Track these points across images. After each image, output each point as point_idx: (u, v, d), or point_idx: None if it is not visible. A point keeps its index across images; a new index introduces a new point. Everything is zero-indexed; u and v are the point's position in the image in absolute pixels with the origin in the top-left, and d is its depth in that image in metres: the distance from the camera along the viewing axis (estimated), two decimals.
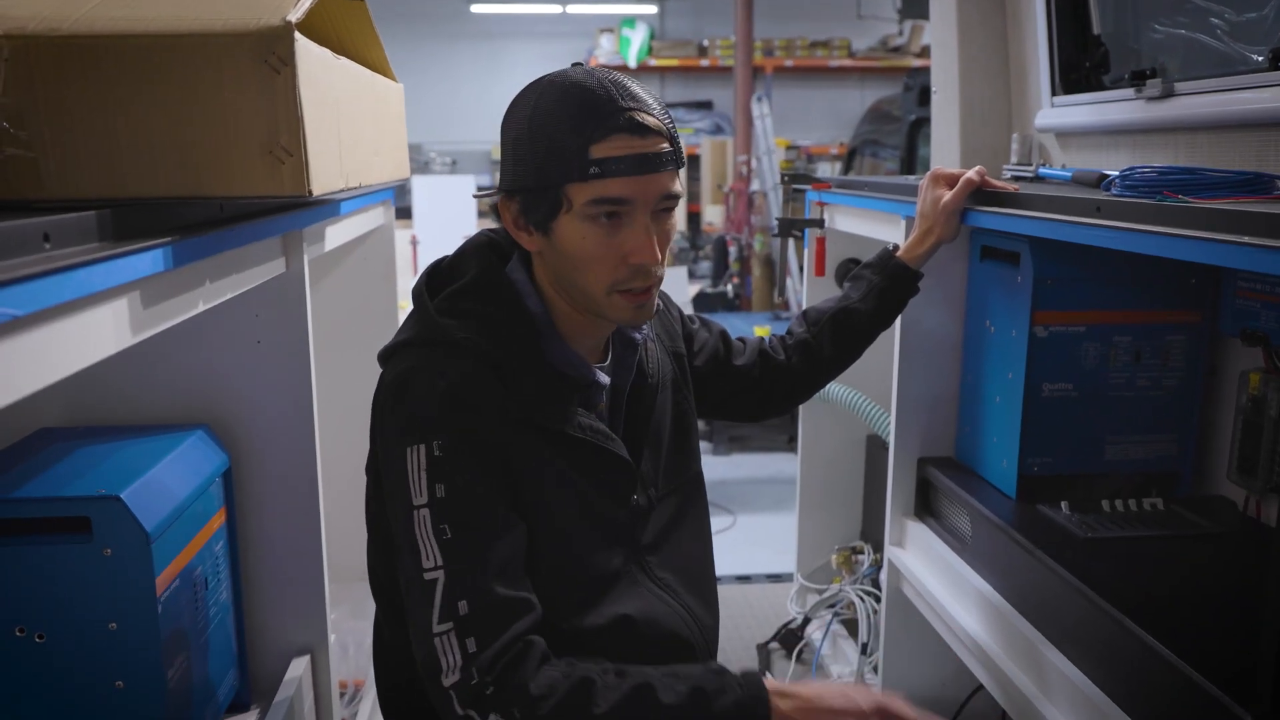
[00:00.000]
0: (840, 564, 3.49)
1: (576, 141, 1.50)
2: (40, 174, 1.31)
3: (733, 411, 2.14)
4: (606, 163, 1.50)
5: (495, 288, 1.65)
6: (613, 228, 1.54)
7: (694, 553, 1.84)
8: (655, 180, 1.53)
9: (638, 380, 1.79)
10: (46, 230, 1.02)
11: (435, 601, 1.48)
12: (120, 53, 1.30)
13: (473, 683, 1.44)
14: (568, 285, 1.62)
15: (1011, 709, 2.07)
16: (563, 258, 1.58)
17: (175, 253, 1.27)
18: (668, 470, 1.81)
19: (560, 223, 1.56)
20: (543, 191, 1.54)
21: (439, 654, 1.47)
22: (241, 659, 1.94)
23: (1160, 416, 2.30)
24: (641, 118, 1.52)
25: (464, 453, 1.52)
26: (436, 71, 13.32)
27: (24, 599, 1.50)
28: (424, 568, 1.50)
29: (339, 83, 1.62)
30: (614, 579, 1.69)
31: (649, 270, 1.57)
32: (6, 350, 0.90)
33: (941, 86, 3.24)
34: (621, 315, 1.62)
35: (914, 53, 12.57)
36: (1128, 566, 1.96)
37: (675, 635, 1.72)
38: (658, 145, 1.53)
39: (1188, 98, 2.30)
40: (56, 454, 1.67)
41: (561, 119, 1.52)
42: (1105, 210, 1.74)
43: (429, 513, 1.50)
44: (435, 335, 1.59)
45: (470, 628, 1.47)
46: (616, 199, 1.52)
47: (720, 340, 2.05)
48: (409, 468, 1.51)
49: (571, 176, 1.51)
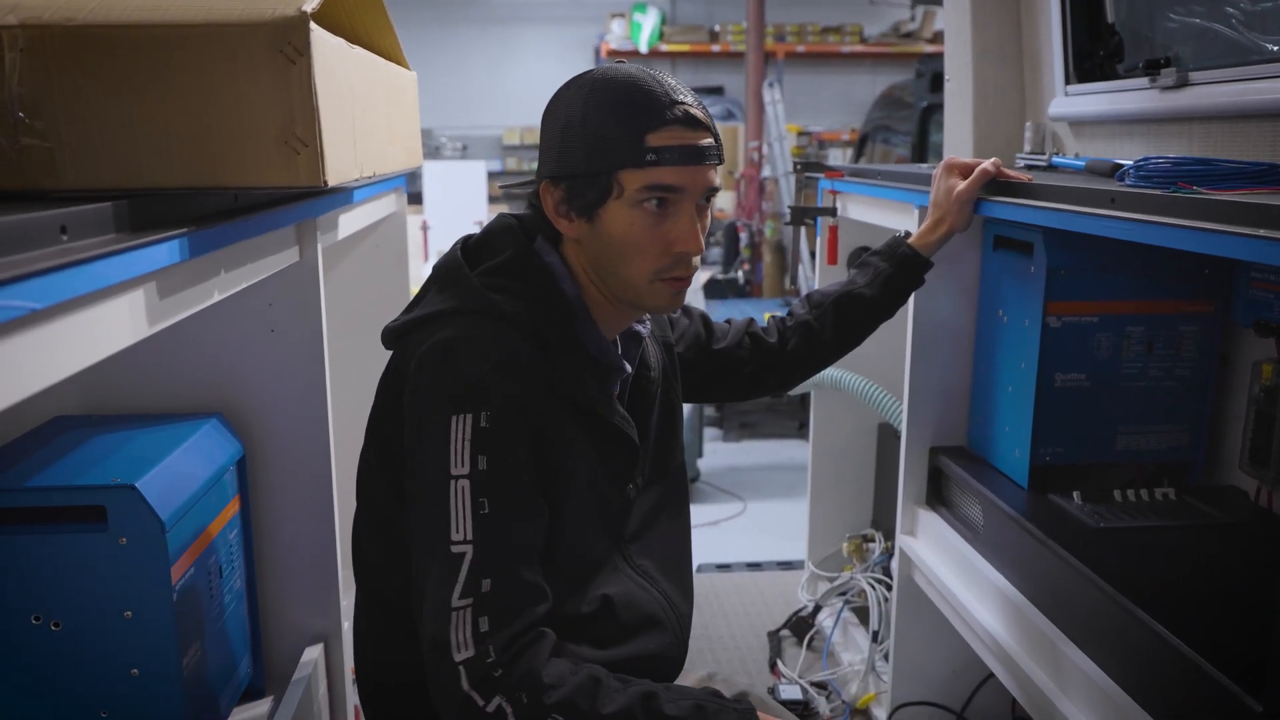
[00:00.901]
0: (851, 552, 3.50)
1: (634, 128, 1.55)
2: (56, 164, 1.31)
3: (717, 393, 2.16)
4: (663, 151, 1.55)
5: (532, 268, 1.66)
6: (660, 216, 1.58)
7: (672, 541, 1.86)
8: (703, 172, 1.59)
9: (640, 372, 1.80)
10: (63, 222, 1.03)
11: (460, 575, 1.46)
12: (135, 42, 1.30)
13: (487, 661, 1.43)
14: (606, 272, 1.64)
15: (1023, 698, 2.07)
16: (606, 244, 1.61)
17: (191, 243, 1.27)
18: (654, 461, 1.83)
19: (608, 209, 1.59)
20: (593, 177, 1.58)
21: (451, 628, 1.45)
22: (255, 647, 1.95)
23: (1172, 407, 2.30)
24: (695, 112, 1.58)
25: (512, 427, 1.52)
26: (447, 57, 13.30)
27: (40, 587, 1.51)
28: (452, 539, 1.48)
29: (353, 72, 1.62)
30: (600, 564, 1.72)
31: (690, 259, 1.62)
32: (24, 343, 0.91)
33: (955, 74, 3.23)
34: (660, 302, 1.65)
35: (926, 39, 12.54)
36: (1139, 557, 1.95)
37: (652, 619, 1.74)
38: (706, 138, 1.59)
39: (1202, 87, 2.30)
40: (71, 442, 1.67)
41: (618, 108, 1.56)
42: (1120, 202, 1.73)
43: (469, 484, 1.49)
44: (481, 305, 1.59)
45: (488, 607, 1.46)
46: (669, 186, 1.56)
47: (701, 324, 2.07)
48: (452, 436, 1.50)
49: (626, 163, 1.55)
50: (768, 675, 3.42)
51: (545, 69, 13.34)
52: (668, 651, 1.76)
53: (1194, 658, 1.56)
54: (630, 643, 1.69)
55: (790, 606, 3.80)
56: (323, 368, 1.91)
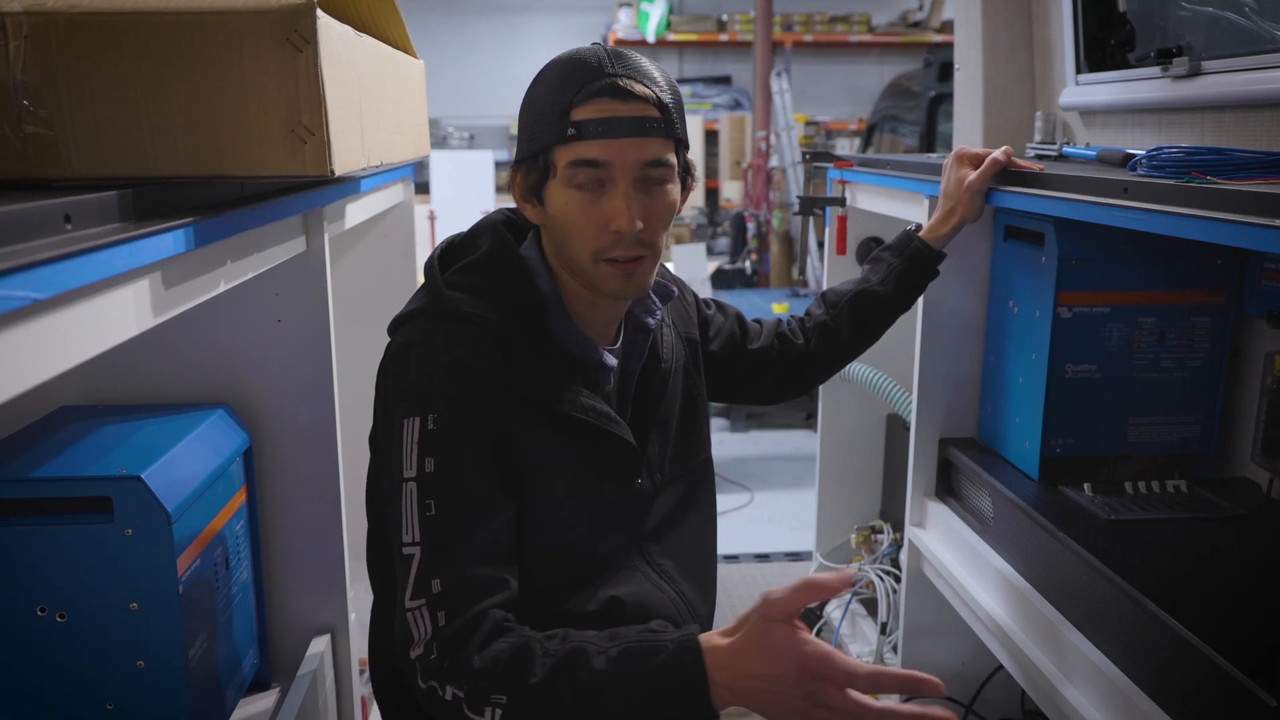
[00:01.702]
0: (860, 543, 3.49)
1: (560, 104, 1.53)
2: (61, 153, 1.30)
3: (750, 395, 2.12)
4: (583, 124, 1.52)
5: (506, 264, 1.65)
6: (594, 194, 1.55)
7: (697, 540, 1.84)
8: (635, 145, 1.53)
9: (650, 364, 1.78)
10: (67, 211, 1.02)
11: (410, 577, 1.49)
12: (140, 29, 1.29)
13: (432, 657, 1.45)
14: (562, 256, 1.63)
15: (1032, 690, 2.06)
16: (554, 226, 1.60)
17: (197, 233, 1.26)
18: (675, 456, 1.80)
19: (549, 189, 1.58)
20: (534, 158, 1.57)
21: (411, 627, 1.47)
22: (262, 638, 1.94)
23: (1184, 398, 2.29)
24: (626, 83, 1.53)
25: (459, 429, 1.52)
26: (454, 46, 13.27)
27: (45, 579, 1.49)
28: (404, 541, 1.50)
29: (361, 61, 1.61)
30: (609, 562, 1.69)
31: (630, 238, 1.56)
32: (27, 334, 0.90)
33: (964, 64, 3.21)
34: (610, 285, 1.60)
35: (934, 28, 12.49)
36: (1151, 549, 1.94)
37: (669, 620, 1.69)
38: (642, 110, 1.53)
39: (1215, 76, 2.28)
40: (76, 433, 1.66)
41: (551, 85, 1.56)
42: (1132, 191, 1.72)
43: (415, 487, 1.51)
44: (442, 307, 1.59)
45: (442, 604, 1.47)
46: (591, 161, 1.53)
47: (736, 323, 2.05)
48: (403, 439, 1.52)
49: (553, 139, 1.54)
50: None
51: (552, 58, 13.31)
52: None
53: (1207, 651, 1.55)
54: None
55: None
56: (330, 358, 1.90)
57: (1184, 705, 1.62)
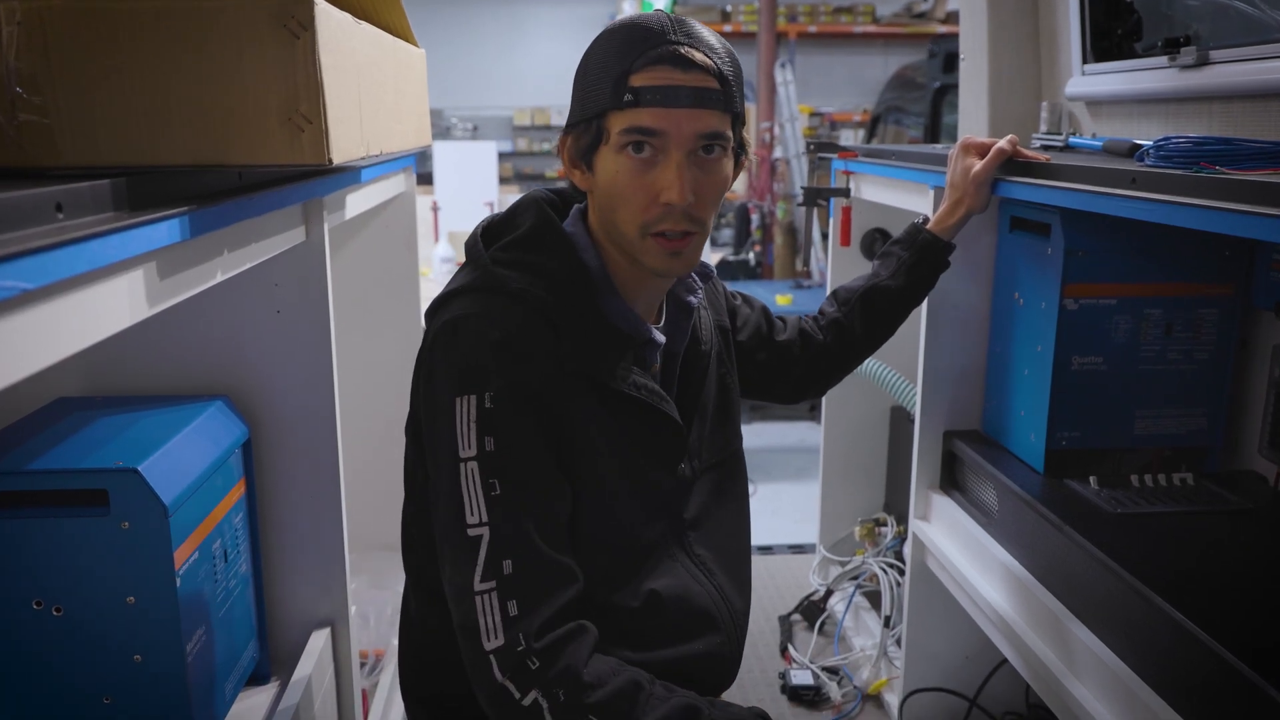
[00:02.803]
0: (863, 536, 3.48)
1: (619, 69, 1.49)
2: (56, 141, 1.28)
3: (772, 390, 2.08)
4: (642, 91, 1.47)
5: (551, 240, 1.61)
6: (645, 163, 1.50)
7: (733, 533, 1.80)
8: (692, 116, 1.49)
9: (691, 346, 1.75)
10: (59, 200, 1.00)
11: (479, 558, 1.44)
12: (136, 16, 1.27)
13: (518, 649, 1.40)
14: (608, 226, 1.59)
15: (1037, 684, 2.05)
16: (602, 194, 1.57)
17: (193, 222, 1.25)
18: (711, 443, 1.76)
19: (600, 155, 1.54)
20: (588, 123, 1.54)
21: (478, 613, 1.42)
22: (261, 631, 1.93)
23: (1190, 390, 2.27)
24: (687, 51, 1.48)
25: (516, 405, 1.47)
26: (458, 36, 13.26)
27: (41, 572, 1.48)
28: (468, 523, 1.45)
29: (360, 48, 1.59)
30: (651, 550, 1.65)
31: (679, 212, 1.52)
32: (17, 324, 0.88)
33: (970, 53, 3.19)
34: (655, 262, 1.56)
35: (938, 19, 12.48)
36: (1157, 542, 1.93)
37: (705, 614, 1.67)
38: (702, 80, 1.49)
39: (1223, 66, 2.26)
40: (74, 424, 1.65)
41: (611, 48, 1.52)
42: (1140, 182, 1.70)
43: (477, 466, 1.45)
44: (489, 283, 1.54)
45: (513, 589, 1.43)
46: (647, 130, 1.48)
47: (763, 316, 2.02)
48: (458, 418, 1.47)
49: (608, 104, 1.50)
50: (779, 660, 3.40)
51: (556, 49, 13.30)
52: (719, 651, 1.69)
53: (1213, 646, 1.54)
54: (680, 643, 1.64)
55: (801, 590, 3.78)
56: (330, 349, 1.88)
57: (1190, 700, 1.61)
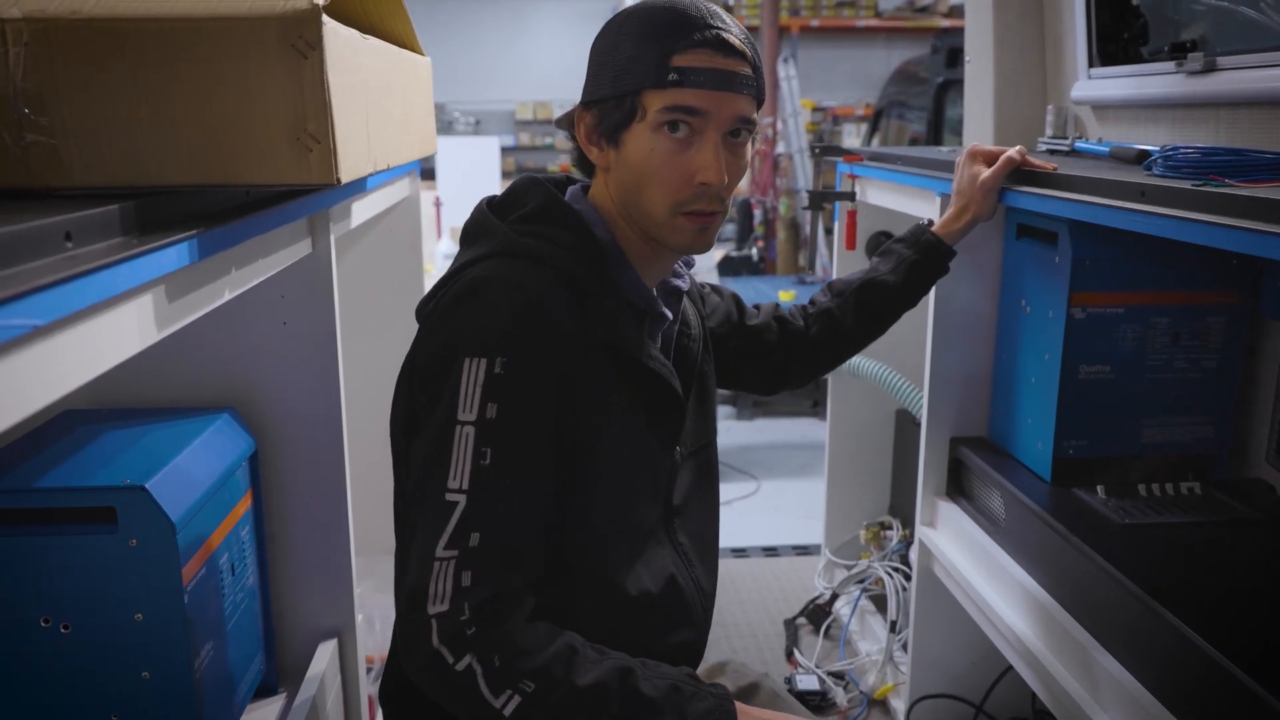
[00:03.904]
0: (869, 540, 3.47)
1: (660, 49, 1.50)
2: (63, 161, 1.27)
3: (749, 379, 2.09)
4: (686, 72, 1.49)
5: (562, 214, 1.61)
6: (682, 143, 1.52)
7: (707, 522, 1.82)
8: (732, 99, 1.52)
9: (682, 330, 1.76)
10: (68, 229, 0.99)
11: (449, 524, 1.42)
12: (143, 36, 1.26)
13: (461, 618, 1.39)
14: (631, 204, 1.58)
15: (1045, 694, 2.05)
16: (630, 172, 1.56)
17: (201, 245, 1.24)
18: (695, 430, 1.77)
19: (632, 132, 1.54)
20: (620, 100, 1.54)
21: (432, 578, 1.41)
22: (268, 643, 1.92)
23: (1198, 399, 2.27)
24: (728, 37, 1.52)
25: (527, 377, 1.46)
26: (460, 31, 13.25)
27: (49, 589, 1.48)
28: (448, 486, 1.43)
29: (367, 64, 1.58)
30: (648, 534, 1.67)
31: (713, 192, 1.54)
32: (26, 360, 0.87)
33: (975, 55, 3.19)
34: (683, 239, 1.58)
35: (941, 13, 12.46)
36: (1166, 554, 1.92)
37: (685, 606, 1.70)
38: (740, 66, 1.53)
39: (1230, 72, 2.25)
40: (81, 439, 1.64)
41: (648, 28, 1.53)
42: (1149, 195, 1.69)
43: (473, 431, 1.43)
44: (513, 248, 1.54)
45: (473, 561, 1.41)
46: (690, 109, 1.50)
47: (732, 303, 2.03)
48: (464, 379, 1.44)
49: (648, 82, 1.51)
50: (784, 664, 3.39)
51: (558, 43, 13.30)
52: (692, 643, 1.73)
53: (1224, 663, 1.54)
54: (661, 634, 1.66)
55: (807, 593, 3.77)
56: (336, 359, 1.87)
57: (1200, 716, 1.60)
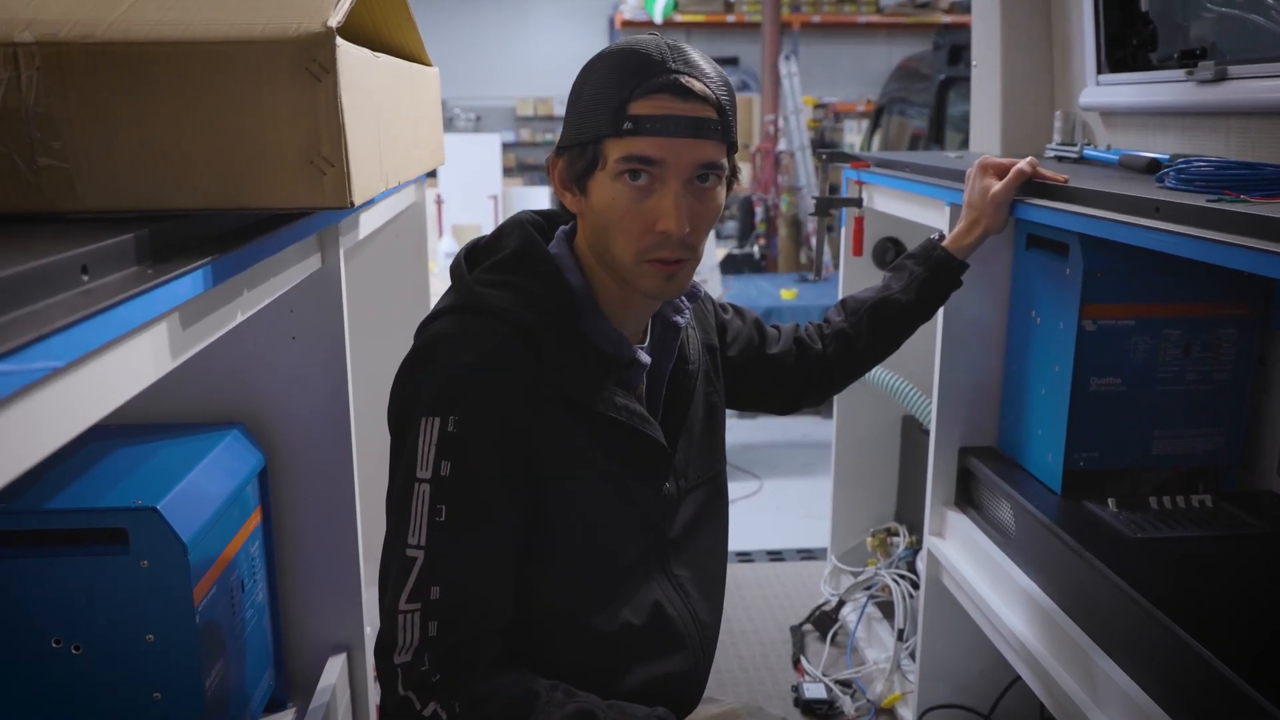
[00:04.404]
0: (875, 547, 3.46)
1: (618, 97, 1.49)
2: (75, 185, 1.26)
3: (768, 402, 2.08)
4: (641, 120, 1.48)
5: (535, 261, 1.61)
6: (643, 191, 1.51)
7: (711, 552, 1.81)
8: (691, 146, 1.49)
9: (679, 366, 1.75)
10: (84, 262, 0.98)
11: (410, 580, 1.47)
12: (156, 60, 1.25)
13: (422, 668, 1.45)
14: (601, 250, 1.58)
15: (1054, 707, 2.04)
16: (596, 219, 1.56)
17: (215, 270, 1.23)
18: (698, 463, 1.77)
19: (595, 180, 1.54)
20: (583, 147, 1.53)
21: (399, 630, 1.46)
22: (278, 658, 1.91)
23: (1209, 411, 2.26)
24: (688, 81, 1.49)
25: (480, 434, 1.49)
26: (461, 28, 13.22)
27: (60, 610, 1.47)
28: (408, 543, 1.48)
29: (378, 84, 1.57)
30: (630, 571, 1.67)
31: (676, 240, 1.52)
32: (45, 400, 0.85)
33: (982, 60, 3.18)
34: (650, 285, 1.57)
35: (942, 9, 12.44)
36: (1179, 569, 1.92)
37: (676, 637, 1.69)
38: (701, 110, 1.50)
39: (1242, 82, 2.24)
40: (90, 457, 1.63)
41: (609, 75, 1.51)
42: (1165, 211, 1.68)
43: (429, 489, 1.48)
44: (471, 303, 1.56)
45: (437, 613, 1.46)
46: (645, 158, 1.49)
47: (755, 329, 2.01)
48: (421, 437, 1.48)
49: (606, 130, 1.50)
50: (791, 671, 3.39)
51: (559, 40, 13.27)
52: (687, 672, 1.71)
53: (1240, 683, 1.53)
54: (649, 666, 1.66)
55: (812, 599, 3.77)
56: (345, 373, 1.86)
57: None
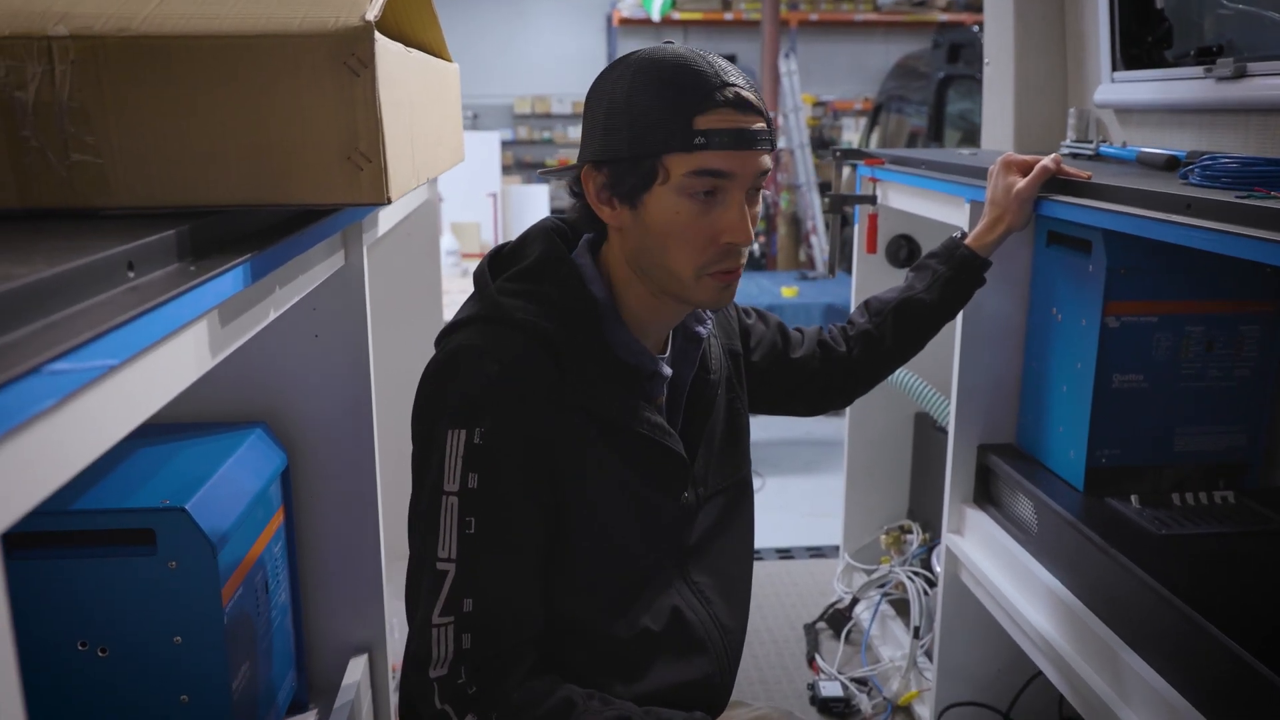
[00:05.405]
0: (889, 544, 3.45)
1: (681, 112, 1.48)
2: (108, 180, 1.25)
3: (793, 406, 2.07)
4: (712, 134, 1.47)
5: (559, 270, 1.60)
6: (708, 204, 1.51)
7: (735, 558, 1.80)
8: (754, 157, 1.51)
9: (700, 375, 1.74)
10: (130, 258, 0.98)
11: (442, 593, 1.47)
12: (191, 54, 1.24)
13: (459, 681, 1.44)
14: (650, 264, 1.57)
15: (1079, 703, 2.03)
16: (649, 233, 1.54)
17: (253, 268, 1.22)
18: (718, 470, 1.76)
19: (653, 195, 1.52)
20: (637, 162, 1.51)
21: (433, 644, 1.46)
22: (300, 659, 1.90)
23: (1231, 407, 2.25)
24: (745, 94, 1.50)
25: (506, 444, 1.48)
26: (459, 25, 13.17)
27: (87, 612, 1.46)
28: (439, 556, 1.48)
29: (411, 79, 1.55)
30: (649, 579, 1.66)
31: (739, 251, 1.54)
32: (100, 398, 0.85)
33: (995, 57, 3.16)
34: (707, 297, 1.57)
35: (939, 7, 12.42)
36: (1205, 565, 1.91)
37: (697, 643, 1.68)
38: (757, 121, 1.52)
39: (1262, 79, 2.23)
40: (116, 456, 1.61)
41: (665, 89, 1.49)
42: (1196, 208, 1.67)
43: (457, 501, 1.48)
44: (494, 314, 1.55)
45: (470, 625, 1.46)
46: (718, 172, 1.49)
47: (778, 333, 2.00)
48: (447, 450, 1.48)
49: (673, 146, 1.48)
50: (806, 670, 3.38)
51: (557, 38, 13.25)
52: (710, 679, 1.70)
53: (1270, 675, 1.52)
54: (670, 672, 1.65)
55: (824, 596, 3.76)
56: (368, 372, 1.85)
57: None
